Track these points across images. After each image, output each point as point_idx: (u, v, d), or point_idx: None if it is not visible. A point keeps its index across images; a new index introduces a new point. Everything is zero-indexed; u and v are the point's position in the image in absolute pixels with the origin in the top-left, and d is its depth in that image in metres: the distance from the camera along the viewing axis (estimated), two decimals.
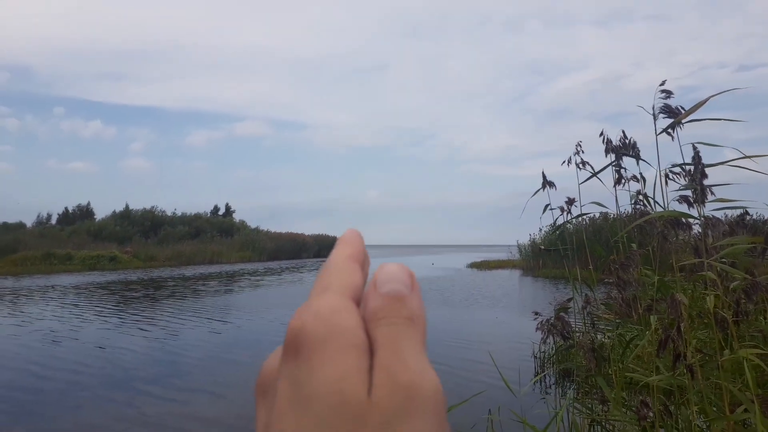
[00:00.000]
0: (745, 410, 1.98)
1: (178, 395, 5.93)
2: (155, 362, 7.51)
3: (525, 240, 31.53)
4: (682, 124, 2.79)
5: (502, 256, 38.55)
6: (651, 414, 2.05)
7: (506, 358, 7.29)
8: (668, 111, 2.83)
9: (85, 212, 54.38)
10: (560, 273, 23.08)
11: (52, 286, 20.54)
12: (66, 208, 54.35)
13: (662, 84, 2.85)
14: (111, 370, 7.12)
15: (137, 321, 11.48)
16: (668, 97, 2.84)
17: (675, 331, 2.05)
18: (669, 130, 2.66)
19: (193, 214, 55.59)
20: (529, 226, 35.94)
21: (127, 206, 52.12)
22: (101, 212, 54.18)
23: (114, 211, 51.86)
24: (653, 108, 2.83)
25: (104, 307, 13.90)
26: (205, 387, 6.26)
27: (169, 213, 53.97)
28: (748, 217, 3.44)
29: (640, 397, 2.11)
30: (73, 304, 14.66)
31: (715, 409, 2.32)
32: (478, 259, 39.98)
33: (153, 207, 52.93)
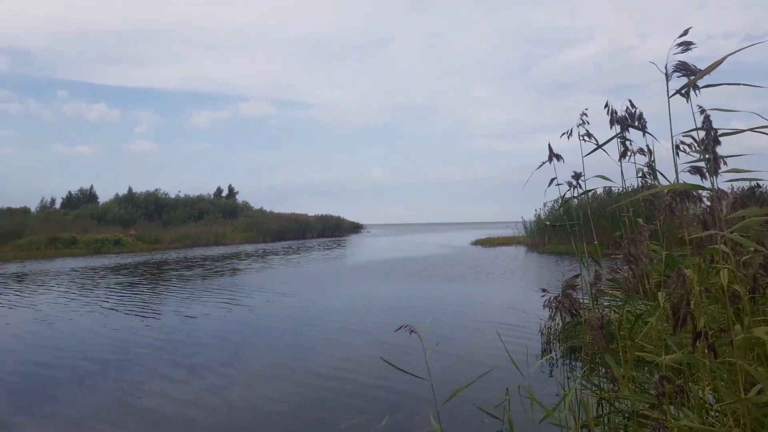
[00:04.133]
0: (759, 392, 1.91)
1: (187, 377, 5.92)
2: (174, 344, 7.51)
3: (530, 216, 31.42)
4: (698, 88, 2.61)
5: (507, 232, 38.46)
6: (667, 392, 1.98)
7: (513, 336, 7.24)
8: (684, 69, 2.62)
9: (88, 196, 54.43)
10: (565, 249, 22.98)
11: (58, 271, 20.61)
12: (69, 192, 54.44)
13: (684, 34, 2.59)
14: (121, 354, 7.11)
15: (147, 304, 11.49)
16: (687, 49, 2.61)
17: (686, 307, 1.96)
18: (684, 93, 2.48)
19: (196, 196, 55.58)
20: (534, 202, 35.70)
21: (130, 189, 52.16)
22: (105, 196, 54.25)
23: (117, 195, 51.92)
24: (666, 67, 2.62)
25: (113, 291, 13.93)
26: (218, 368, 6.24)
27: (172, 195, 53.99)
28: (758, 190, 3.34)
29: (660, 374, 2.03)
30: (83, 288, 14.71)
31: (726, 386, 2.24)
32: (483, 236, 39.90)
33: (156, 190, 52.97)
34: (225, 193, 63.42)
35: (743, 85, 2.80)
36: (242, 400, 5.12)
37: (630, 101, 4.36)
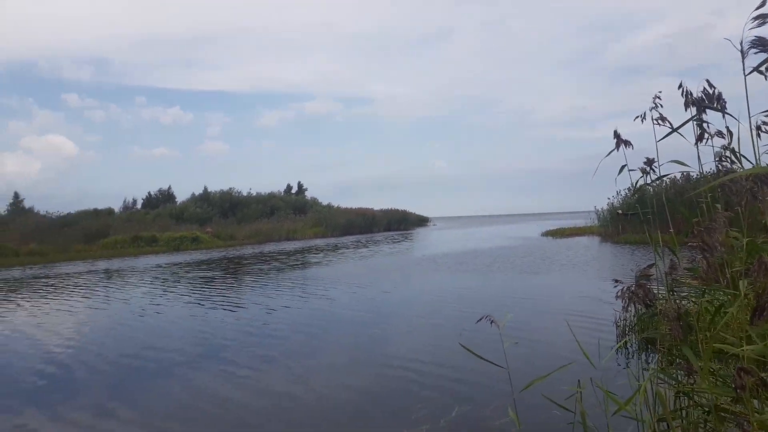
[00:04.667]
0: None
1: (260, 365, 6.16)
2: (262, 335, 7.83)
3: (603, 205, 30.37)
4: None
5: (578, 222, 37.34)
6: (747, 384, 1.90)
7: (587, 327, 7.08)
8: (761, 44, 2.47)
9: (166, 196, 57.14)
10: (641, 238, 22.07)
11: (137, 268, 21.80)
12: (149, 193, 57.35)
13: (761, 5, 2.36)
14: (210, 345, 7.54)
15: (231, 297, 12.01)
16: (764, 22, 2.43)
17: (766, 297, 1.87)
18: (762, 70, 2.34)
19: (267, 193, 57.22)
20: (605, 191, 34.40)
21: (205, 188, 54.37)
22: (182, 195, 56.81)
23: (193, 194, 54.25)
24: (741, 43, 2.48)
25: (198, 285, 14.64)
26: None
27: (244, 193, 55.82)
28: None
29: (738, 365, 1.95)
30: (170, 282, 15.66)
31: None
32: (553, 227, 38.94)
33: (230, 188, 54.97)
34: (294, 189, 64.97)
35: None
36: (321, 390, 5.31)
37: (707, 81, 4.16)
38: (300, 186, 65.77)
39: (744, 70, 2.52)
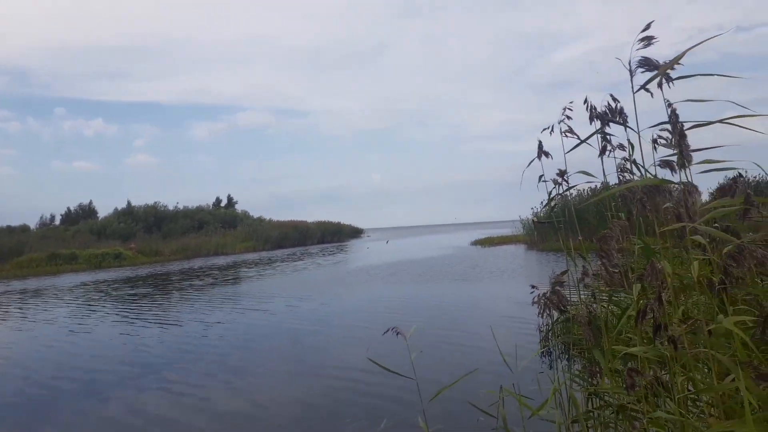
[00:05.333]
0: (734, 379, 1.95)
1: (196, 383, 5.97)
2: (180, 354, 7.56)
3: (527, 214, 31.45)
4: (670, 82, 2.65)
5: (506, 231, 38.47)
6: (638, 384, 2.02)
7: (510, 333, 7.29)
8: (647, 64, 2.66)
9: (87, 211, 54.50)
10: (576, 245, 22.94)
11: (58, 287, 20.65)
12: (68, 208, 54.50)
13: (645, 29, 2.57)
14: (129, 365, 7.24)
15: (164, 313, 11.56)
16: (648, 45, 2.62)
17: (656, 301, 2.01)
18: (650, 87, 2.52)
19: (195, 207, 55.64)
20: (532, 201, 35.72)
21: (129, 203, 52.23)
22: (104, 210, 54.30)
23: (116, 209, 51.98)
24: (629, 63, 2.66)
25: (127, 302, 14.00)
26: (222, 375, 6.29)
27: (171, 208, 54.05)
28: (741, 179, 3.37)
29: (629, 365, 2.08)
30: (97, 301, 14.88)
31: (702, 377, 2.29)
32: (483, 236, 39.92)
33: (155, 202, 53.04)
34: (224, 203, 63.49)
35: (717, 75, 2.84)
36: (252, 404, 5.26)
37: (612, 95, 4.40)
38: (230, 199, 64.36)
39: (633, 88, 2.70)
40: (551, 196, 4.84)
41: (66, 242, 38.79)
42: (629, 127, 4.44)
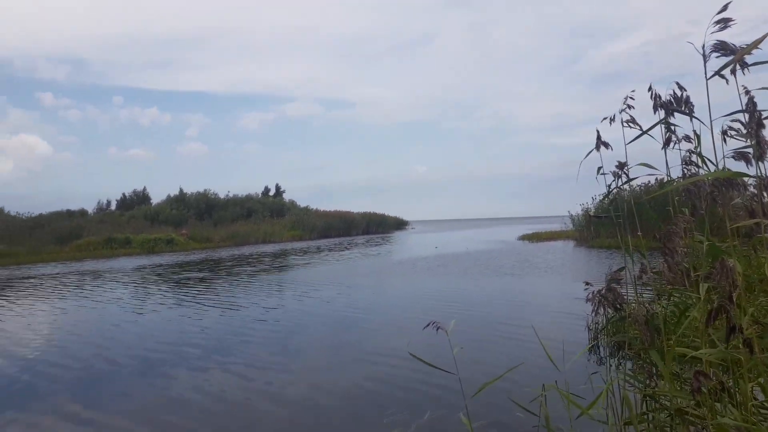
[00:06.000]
0: None
1: (245, 369, 6.08)
2: (227, 337, 7.74)
3: (577, 210, 30.71)
4: (745, 67, 2.46)
5: (555, 227, 37.70)
6: (704, 388, 1.90)
7: (559, 330, 7.12)
8: (723, 48, 2.47)
9: (141, 197, 56.34)
10: (615, 243, 22.30)
11: (115, 270, 21.43)
12: (124, 194, 56.45)
13: (722, 10, 2.32)
14: (190, 346, 7.50)
15: (212, 299, 11.87)
16: (725, 27, 2.44)
17: (727, 301, 1.88)
18: (724, 74, 2.34)
19: (244, 195, 56.74)
20: (583, 196, 34.82)
21: (181, 190, 53.72)
22: (157, 197, 56.03)
23: (169, 195, 53.55)
24: (703, 47, 2.48)
25: (174, 287, 14.44)
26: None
27: (222, 195, 55.29)
28: None
29: (695, 368, 1.95)
30: (158, 284, 15.56)
31: None
32: (530, 231, 39.25)
33: (206, 190, 54.36)
34: (272, 192, 64.54)
35: None
36: (297, 394, 5.29)
37: (677, 83, 4.18)
38: (278, 188, 65.37)
39: (706, 74, 2.53)
40: (610, 189, 4.67)
41: (121, 227, 40.28)
42: (696, 118, 4.20)
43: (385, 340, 7.42)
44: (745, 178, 2.39)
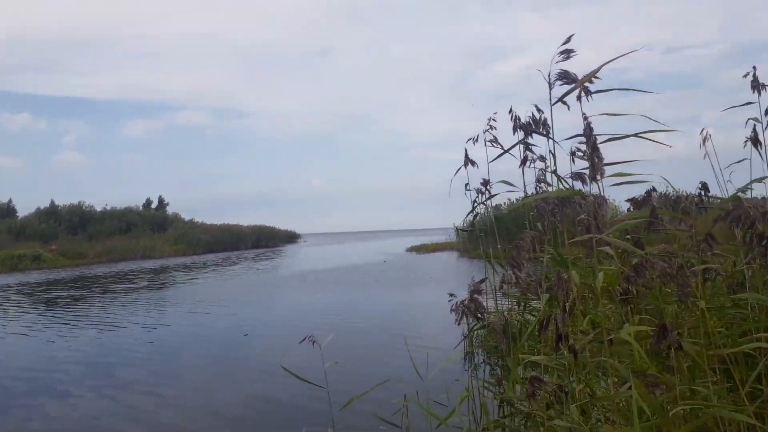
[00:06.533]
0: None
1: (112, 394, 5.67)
2: (85, 364, 7.19)
3: (460, 222, 31.99)
4: (589, 95, 2.67)
5: (441, 238, 39.00)
6: (540, 392, 2.02)
7: (436, 340, 7.31)
8: (565, 77, 2.67)
9: (6, 210, 51.31)
10: (496, 253, 23.44)
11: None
12: None
13: (565, 42, 2.54)
14: (58, 370, 6.95)
15: (99, 317, 11.08)
16: (568, 57, 2.63)
17: (561, 311, 2.01)
18: (578, 100, 2.53)
19: (123, 208, 53.40)
20: (467, 209, 36.27)
21: (52, 202, 49.59)
22: (25, 210, 51.21)
23: (38, 208, 49.23)
24: (549, 75, 2.66)
25: (45, 307, 13.25)
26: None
27: (98, 208, 51.69)
28: (655, 193, 3.48)
29: (532, 373, 2.08)
30: (14, 305, 14.15)
31: (603, 386, 2.33)
32: (418, 243, 40.30)
33: (81, 202, 50.60)
34: (155, 204, 61.28)
35: (632, 90, 2.88)
36: (171, 417, 5.07)
37: (536, 106, 4.46)
38: (161, 201, 62.16)
39: (551, 99, 2.71)
40: (474, 204, 4.89)
41: None
42: (552, 139, 4.51)
43: (268, 356, 7.26)
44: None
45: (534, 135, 4.89)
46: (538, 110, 4.54)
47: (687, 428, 1.86)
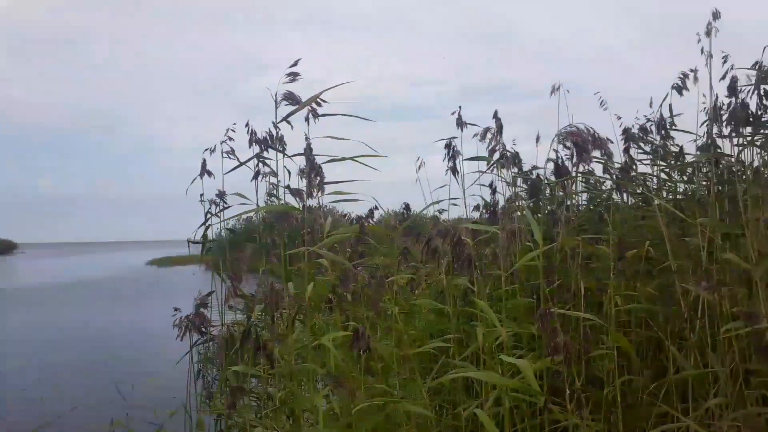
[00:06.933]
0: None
1: None
2: None
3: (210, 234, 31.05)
4: (316, 118, 2.81)
5: (185, 251, 37.19)
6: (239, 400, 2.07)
7: (163, 357, 6.94)
8: (290, 98, 2.79)
9: None
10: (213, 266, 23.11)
11: None
12: None
13: (293, 65, 2.59)
14: None
15: None
16: (294, 80, 2.74)
17: (269, 321, 2.10)
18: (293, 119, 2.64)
19: None
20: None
21: None
22: None
23: None
24: (276, 95, 2.75)
25: None
26: None
27: None
28: (377, 210, 3.86)
29: (231, 386, 2.12)
30: None
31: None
32: (162, 255, 37.81)
33: None
34: None
35: (354, 116, 3.11)
36: None
37: (273, 123, 4.55)
38: None
39: (276, 118, 2.83)
40: (207, 216, 4.80)
41: None
42: (285, 154, 4.65)
43: None
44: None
45: (270, 150, 5.00)
46: (275, 126, 4.68)
47: (371, 421, 2.07)
